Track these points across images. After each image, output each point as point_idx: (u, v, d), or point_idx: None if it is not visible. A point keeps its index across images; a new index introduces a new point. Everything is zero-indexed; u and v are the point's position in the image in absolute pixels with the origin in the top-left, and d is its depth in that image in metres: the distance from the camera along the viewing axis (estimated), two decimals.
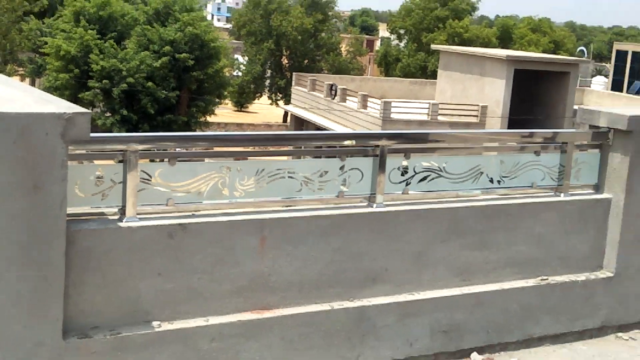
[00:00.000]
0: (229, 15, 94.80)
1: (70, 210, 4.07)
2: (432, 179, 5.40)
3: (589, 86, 53.53)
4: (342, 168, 5.05)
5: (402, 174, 5.29)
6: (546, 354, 5.61)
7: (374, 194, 5.11)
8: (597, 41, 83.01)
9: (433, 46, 41.65)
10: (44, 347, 3.98)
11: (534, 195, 5.78)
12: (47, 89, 36.66)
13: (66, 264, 4.01)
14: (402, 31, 55.57)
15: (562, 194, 5.83)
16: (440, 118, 32.95)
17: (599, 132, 5.97)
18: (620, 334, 6.05)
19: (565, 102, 32.55)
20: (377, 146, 5.13)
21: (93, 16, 37.13)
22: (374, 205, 5.11)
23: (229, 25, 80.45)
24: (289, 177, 4.88)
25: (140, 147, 4.32)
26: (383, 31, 76.32)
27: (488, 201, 5.56)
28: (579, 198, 5.91)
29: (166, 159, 4.49)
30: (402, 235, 5.17)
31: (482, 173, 5.59)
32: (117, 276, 4.25)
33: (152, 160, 4.53)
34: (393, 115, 32.69)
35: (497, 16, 71.31)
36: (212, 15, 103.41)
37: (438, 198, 5.41)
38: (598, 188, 6.02)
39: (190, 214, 4.52)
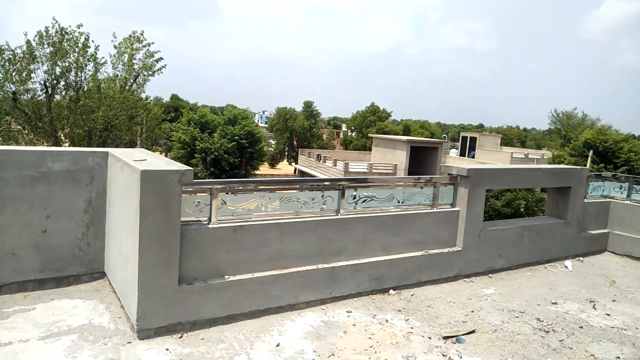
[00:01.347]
0: (267, 119, 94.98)
1: (183, 219, 4.02)
2: (369, 201, 5.36)
3: (448, 154, 53.76)
4: (322, 196, 5.00)
5: (353, 199, 5.24)
6: (428, 289, 5.53)
7: (339, 209, 5.07)
8: (452, 131, 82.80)
9: (370, 135, 41.90)
10: (168, 289, 3.90)
11: (421, 209, 5.73)
12: (173, 158, 36.90)
13: (180, 247, 3.95)
14: (352, 127, 56.04)
15: (434, 208, 5.79)
16: (374, 170, 32.89)
17: (452, 176, 5.96)
18: (466, 279, 5.97)
19: (437, 162, 32.71)
20: (340, 185, 5.10)
21: (197, 121, 37.29)
22: (339, 214, 5.06)
23: (266, 125, 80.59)
24: (296, 200, 4.83)
25: (219, 186, 4.29)
26: (344, 127, 76.16)
27: (397, 212, 5.51)
28: (443, 210, 5.87)
29: (231, 192, 4.45)
30: (353, 230, 5.12)
31: (394, 198, 5.55)
32: (207, 253, 4.18)
33: (226, 193, 4.46)
34: (350, 169, 32.72)
35: (402, 119, 71.94)
36: (258, 120, 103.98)
37: (372, 211, 5.35)
38: (453, 205, 5.98)
39: (245, 220, 4.46)
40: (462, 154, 54.33)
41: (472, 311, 4.99)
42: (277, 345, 3.92)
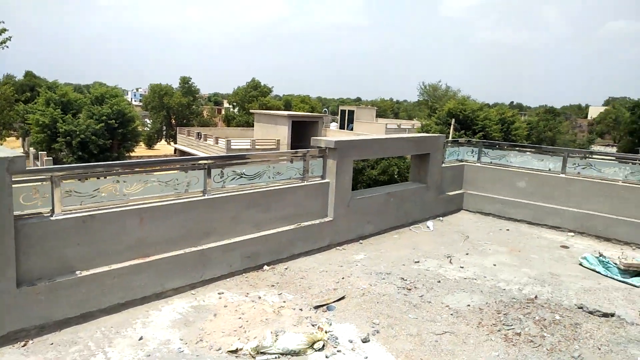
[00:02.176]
0: (141, 97, 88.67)
1: (17, 212, 3.51)
2: (238, 178, 5.20)
3: (329, 127, 55.15)
4: (186, 177, 4.73)
5: (221, 177, 5.04)
6: (302, 261, 5.58)
7: (205, 189, 4.84)
8: (332, 105, 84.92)
9: (251, 110, 41.19)
10: (4, 294, 3.41)
11: (292, 183, 5.72)
12: (32, 144, 33.04)
13: (16, 245, 3.45)
14: (234, 103, 54.73)
15: (305, 182, 5.82)
16: (257, 147, 32.58)
17: (321, 149, 6.02)
18: (338, 247, 6.13)
19: (318, 135, 33.34)
20: (205, 164, 4.86)
21: (58, 100, 33.46)
22: (206, 195, 4.83)
23: (141, 104, 75.13)
24: (158, 183, 4.50)
25: (60, 173, 3.80)
26: (226, 103, 73.97)
27: (269, 188, 5.43)
28: (314, 182, 5.93)
29: (79, 179, 3.98)
30: (223, 209, 4.94)
31: (265, 173, 5.46)
32: (52, 248, 3.71)
33: (74, 180, 3.97)
34: (232, 146, 32.04)
35: (284, 95, 71.80)
36: (132, 98, 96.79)
37: (242, 189, 5.20)
38: (323, 177, 6.06)
39: (96, 209, 4.04)
40: (342, 126, 56.22)
41: (343, 278, 5.15)
42: (140, 338, 3.66)
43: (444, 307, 4.54)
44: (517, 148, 8.15)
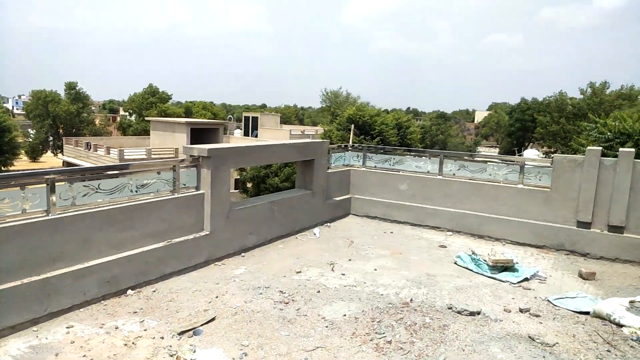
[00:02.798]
0: (24, 105, 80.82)
1: None
2: (92, 194, 4.61)
3: (233, 134, 54.51)
4: (23, 194, 4.06)
5: (69, 193, 4.42)
6: (173, 281, 5.12)
7: (49, 208, 4.21)
8: (238, 112, 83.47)
9: (147, 118, 38.89)
10: None
11: (161, 196, 5.22)
12: None
13: None
14: (131, 111, 51.54)
15: (176, 194, 5.36)
16: (153, 156, 30.81)
17: (194, 158, 5.60)
18: (217, 262, 5.75)
19: (219, 142, 32.38)
20: (48, 178, 4.23)
21: None
22: (50, 215, 4.20)
23: (24, 112, 68.45)
24: None
25: None
26: (122, 111, 69.56)
27: (131, 203, 4.89)
28: (186, 194, 5.49)
29: None
30: (72, 230, 4.34)
31: (126, 187, 4.91)
32: None
33: None
34: (126, 156, 29.96)
35: (186, 101, 68.72)
36: (13, 106, 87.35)
37: (97, 205, 4.61)
38: (198, 188, 5.65)
39: None
40: (247, 133, 55.51)
41: (217, 296, 4.77)
42: None
43: (319, 319, 4.35)
44: (399, 152, 8.33)
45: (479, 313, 4.42)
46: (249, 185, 28.95)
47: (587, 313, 4.49)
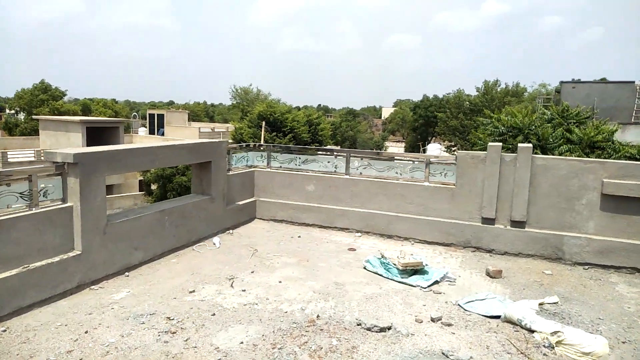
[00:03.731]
0: None
1: None
2: None
3: (137, 133, 51.44)
4: None
5: None
6: (32, 315, 4.17)
7: None
8: (143, 109, 78.87)
9: (35, 117, 34.74)
10: None
11: (10, 213, 4.22)
12: None
13: None
14: (18, 109, 46.07)
15: (33, 209, 4.38)
16: (42, 158, 27.68)
17: (58, 164, 4.63)
18: (93, 287, 4.84)
19: (119, 142, 29.99)
20: None
21: None
22: None
23: None
24: None
25: None
26: (8, 110, 62.22)
27: None
28: (49, 209, 4.52)
29: None
30: None
31: None
32: None
33: None
34: (10, 159, 26.56)
35: (84, 98, 62.59)
36: None
37: None
38: (64, 200, 4.69)
39: None
40: (152, 132, 52.36)
41: (87, 331, 3.92)
42: None
43: (212, 350, 3.69)
44: (303, 151, 7.85)
45: (389, 328, 4.02)
46: (154, 187, 27.07)
47: (497, 317, 4.28)
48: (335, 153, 7.58)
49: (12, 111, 50.50)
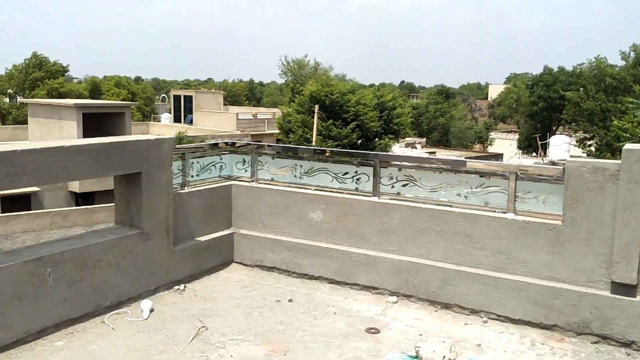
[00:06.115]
0: None
1: None
2: None
3: (160, 121, 52.84)
4: None
5: None
6: None
7: None
8: (175, 89, 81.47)
9: (24, 100, 36.15)
10: None
11: None
12: None
13: None
14: (10, 91, 48.52)
15: None
16: None
17: None
18: None
19: (125, 132, 30.33)
20: None
21: None
22: None
23: None
24: None
25: None
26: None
27: None
28: None
29: None
30: None
31: None
32: None
33: None
34: None
35: (93, 76, 65.03)
36: None
37: None
38: None
39: None
40: (177, 118, 53.13)
41: None
42: None
43: None
44: (309, 154, 6.44)
45: None
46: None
47: None
48: (358, 159, 6.07)
49: (4, 95, 52.80)
